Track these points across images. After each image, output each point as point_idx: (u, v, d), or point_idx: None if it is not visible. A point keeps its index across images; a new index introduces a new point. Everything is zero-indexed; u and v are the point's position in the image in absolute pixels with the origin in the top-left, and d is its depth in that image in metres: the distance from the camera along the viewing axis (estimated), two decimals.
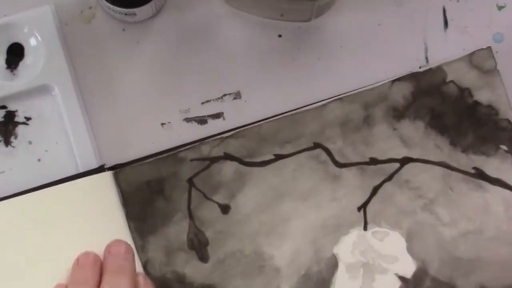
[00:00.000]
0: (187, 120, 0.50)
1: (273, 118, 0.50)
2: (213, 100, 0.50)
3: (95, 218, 0.48)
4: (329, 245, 0.49)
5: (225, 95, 0.51)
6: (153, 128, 0.50)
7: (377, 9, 0.52)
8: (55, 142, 0.49)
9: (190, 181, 0.49)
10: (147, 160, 0.49)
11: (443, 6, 0.53)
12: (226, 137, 0.49)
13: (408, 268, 0.49)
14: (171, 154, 0.49)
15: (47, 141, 0.49)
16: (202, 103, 0.50)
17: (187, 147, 0.49)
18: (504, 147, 0.50)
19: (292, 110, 0.50)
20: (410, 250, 0.49)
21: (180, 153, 0.49)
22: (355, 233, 0.50)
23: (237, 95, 0.51)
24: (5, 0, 0.50)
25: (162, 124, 0.50)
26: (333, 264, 0.49)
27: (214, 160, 0.49)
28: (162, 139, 0.50)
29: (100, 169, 0.48)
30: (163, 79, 0.51)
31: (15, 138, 0.49)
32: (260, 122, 0.50)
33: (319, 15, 0.51)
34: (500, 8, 0.53)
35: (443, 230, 0.50)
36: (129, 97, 0.50)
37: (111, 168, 0.49)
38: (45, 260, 0.47)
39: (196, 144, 0.49)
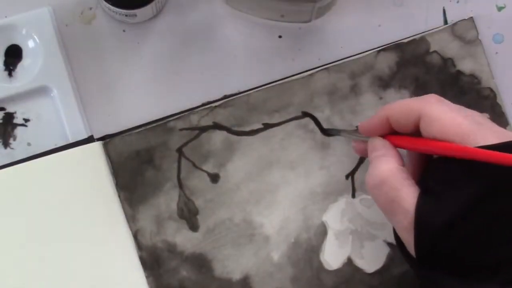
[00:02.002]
0: None
1: (262, 88, 0.50)
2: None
3: (85, 188, 0.48)
4: (318, 213, 0.50)
5: (225, 95, 0.51)
6: None
7: (377, 9, 0.52)
8: (54, 144, 0.49)
9: (180, 150, 0.49)
10: (136, 130, 0.49)
11: (443, 7, 0.53)
12: (215, 107, 0.50)
13: None
14: (160, 124, 0.49)
15: (45, 142, 0.49)
16: (203, 104, 0.50)
17: (176, 116, 0.49)
18: (486, 115, 0.51)
19: (280, 80, 0.51)
20: None
21: (169, 122, 0.49)
22: (344, 201, 0.50)
23: None
24: (3, 2, 0.50)
25: None
26: (322, 231, 0.50)
27: (203, 129, 0.49)
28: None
29: (89, 140, 0.48)
30: (163, 80, 0.51)
31: (14, 139, 0.49)
32: (249, 92, 0.50)
33: (319, 16, 0.51)
34: (500, 8, 0.53)
35: None
36: (129, 98, 0.50)
37: (100, 139, 0.49)
38: (35, 231, 0.47)
39: (185, 113, 0.49)
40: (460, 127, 0.38)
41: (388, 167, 0.41)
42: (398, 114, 0.41)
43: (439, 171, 0.39)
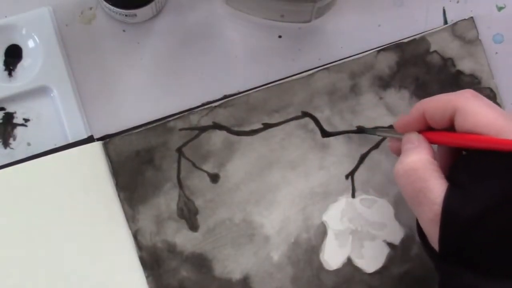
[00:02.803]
0: None
1: (262, 88, 0.50)
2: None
3: (85, 189, 0.48)
4: (318, 213, 0.50)
5: (225, 96, 0.51)
6: None
7: (377, 10, 0.52)
8: (54, 144, 0.49)
9: (179, 150, 0.49)
10: (136, 130, 0.49)
11: (443, 7, 0.53)
12: (215, 107, 0.50)
13: (396, 234, 0.50)
14: (160, 124, 0.49)
15: (45, 142, 0.49)
16: (203, 104, 0.50)
17: (176, 116, 0.49)
18: None
19: (280, 80, 0.51)
20: (397, 217, 0.50)
21: (169, 122, 0.49)
22: (344, 201, 0.50)
23: None
24: (3, 2, 0.50)
25: None
26: (322, 231, 0.50)
27: (203, 129, 0.49)
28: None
29: (89, 140, 0.48)
30: (163, 80, 0.51)
31: (14, 139, 0.49)
32: (249, 92, 0.50)
33: (319, 16, 0.51)
34: (500, 8, 0.53)
35: None
36: (129, 98, 0.50)
37: (100, 139, 0.49)
38: (34, 231, 0.47)
39: (185, 113, 0.49)
40: (495, 121, 0.38)
41: (419, 157, 0.40)
42: (433, 109, 0.41)
43: (470, 165, 0.39)
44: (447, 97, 0.41)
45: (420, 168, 0.40)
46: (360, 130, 0.50)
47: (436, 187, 0.39)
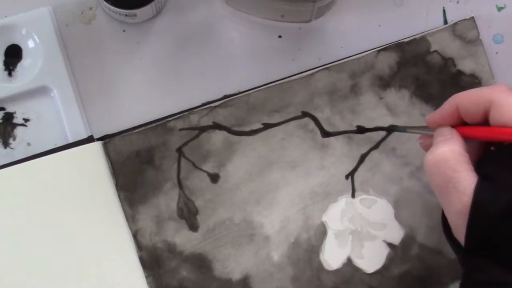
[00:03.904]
0: None
1: (262, 88, 0.50)
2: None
3: (85, 189, 0.48)
4: (318, 213, 0.50)
5: (225, 95, 0.51)
6: None
7: (377, 10, 0.53)
8: (54, 144, 0.49)
9: (179, 150, 0.49)
10: (136, 130, 0.49)
11: (443, 7, 0.53)
12: (215, 106, 0.50)
13: (396, 234, 0.50)
14: (160, 124, 0.49)
15: (45, 142, 0.49)
16: (203, 104, 0.50)
17: (176, 116, 0.49)
18: None
19: (280, 80, 0.51)
20: (397, 217, 0.50)
21: (169, 122, 0.49)
22: (344, 201, 0.50)
23: None
24: (3, 2, 0.50)
25: None
26: (322, 231, 0.50)
27: (203, 129, 0.49)
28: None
29: (89, 140, 0.48)
30: (163, 80, 0.51)
31: (14, 139, 0.49)
32: (249, 92, 0.50)
33: (319, 16, 0.51)
34: (500, 9, 0.53)
35: (430, 197, 0.50)
36: (129, 98, 0.50)
37: (100, 139, 0.49)
38: (34, 231, 0.47)
39: (185, 113, 0.49)
40: None
41: (450, 148, 0.40)
42: (468, 103, 0.41)
43: (502, 159, 0.38)
44: (481, 90, 0.40)
45: (451, 159, 0.39)
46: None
47: (466, 179, 0.38)
